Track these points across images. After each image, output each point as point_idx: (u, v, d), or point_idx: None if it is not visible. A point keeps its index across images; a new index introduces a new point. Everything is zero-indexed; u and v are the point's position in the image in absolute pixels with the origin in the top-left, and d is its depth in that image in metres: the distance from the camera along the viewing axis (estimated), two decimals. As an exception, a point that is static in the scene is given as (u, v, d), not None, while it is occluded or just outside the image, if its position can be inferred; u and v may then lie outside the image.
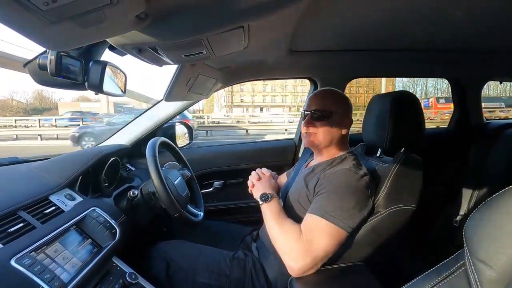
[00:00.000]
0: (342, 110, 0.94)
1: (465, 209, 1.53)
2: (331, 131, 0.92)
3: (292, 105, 34.17)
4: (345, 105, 0.95)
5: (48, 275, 0.61)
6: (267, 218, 0.86)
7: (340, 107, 0.93)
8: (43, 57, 0.65)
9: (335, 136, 0.93)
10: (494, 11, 0.80)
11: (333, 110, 0.92)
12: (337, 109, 0.92)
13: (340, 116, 0.93)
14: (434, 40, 1.12)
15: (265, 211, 0.88)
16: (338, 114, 0.92)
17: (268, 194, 0.90)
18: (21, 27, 0.39)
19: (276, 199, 0.91)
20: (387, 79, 10.89)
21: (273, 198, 0.90)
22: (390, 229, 0.84)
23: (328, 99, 0.95)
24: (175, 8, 0.53)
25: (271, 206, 0.88)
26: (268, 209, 0.87)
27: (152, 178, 0.94)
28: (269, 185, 0.98)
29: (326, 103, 0.93)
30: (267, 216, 0.86)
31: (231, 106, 34.96)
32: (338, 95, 0.97)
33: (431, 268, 0.49)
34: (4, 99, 33.78)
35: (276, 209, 0.87)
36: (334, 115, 0.92)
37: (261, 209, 0.90)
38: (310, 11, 0.76)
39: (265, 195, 0.90)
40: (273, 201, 0.89)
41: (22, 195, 0.76)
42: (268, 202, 0.88)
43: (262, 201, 0.89)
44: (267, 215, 0.87)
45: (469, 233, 0.42)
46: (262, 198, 0.90)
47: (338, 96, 0.97)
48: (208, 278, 0.91)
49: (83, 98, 31.50)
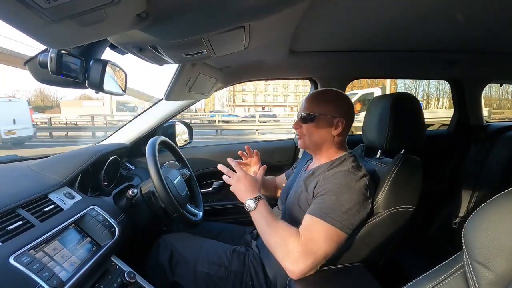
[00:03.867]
0: (331, 111, 0.89)
1: (464, 211, 1.53)
2: (318, 133, 0.91)
3: (294, 105, 34.15)
4: (337, 106, 0.90)
5: (47, 273, 0.61)
6: (258, 225, 0.81)
7: (329, 109, 0.90)
8: (44, 55, 0.65)
9: (325, 138, 0.92)
10: (495, 12, 0.80)
11: (317, 112, 0.90)
12: (324, 111, 0.90)
13: (328, 117, 0.89)
14: (435, 41, 1.12)
15: (255, 218, 0.82)
16: (324, 116, 0.89)
17: (252, 199, 0.81)
18: (22, 25, 0.39)
19: (263, 201, 0.83)
20: (391, 80, 10.88)
21: (259, 202, 0.82)
22: (389, 230, 0.84)
23: (315, 101, 0.93)
24: (176, 7, 0.53)
25: (260, 211, 0.81)
26: (258, 216, 0.81)
27: (152, 177, 0.94)
28: (250, 184, 0.85)
29: (312, 105, 0.92)
30: (258, 223, 0.81)
31: (233, 105, 34.97)
32: (330, 96, 0.93)
33: (430, 269, 0.49)
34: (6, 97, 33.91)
35: (265, 213, 0.81)
36: (320, 116, 0.90)
37: (251, 215, 0.83)
38: (311, 11, 0.76)
39: (249, 201, 0.81)
40: (260, 205, 0.81)
41: (21, 193, 0.76)
42: (254, 209, 0.81)
43: (248, 209, 0.82)
44: (257, 222, 0.81)
45: (468, 235, 0.42)
46: (246, 207, 0.82)
47: (329, 97, 0.93)
48: (208, 268, 0.93)
49: (85, 96, 31.50)
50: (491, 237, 0.38)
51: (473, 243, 0.40)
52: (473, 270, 0.40)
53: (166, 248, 0.99)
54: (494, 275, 0.37)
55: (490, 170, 1.51)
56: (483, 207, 0.41)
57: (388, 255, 0.91)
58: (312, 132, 0.92)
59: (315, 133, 0.92)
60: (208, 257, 0.95)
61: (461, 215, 1.54)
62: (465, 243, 0.42)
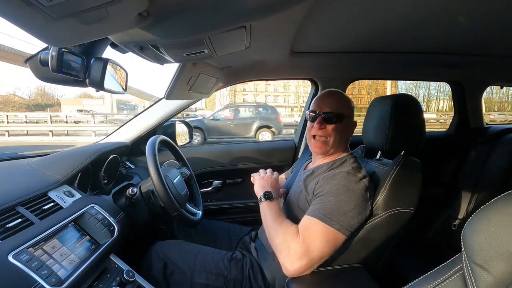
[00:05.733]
0: (351, 113, 0.93)
1: (464, 213, 1.53)
2: (342, 135, 0.91)
3: (295, 105, 34.15)
4: (351, 108, 0.95)
5: (46, 271, 0.61)
6: (266, 216, 0.85)
7: (350, 111, 0.93)
8: (45, 53, 0.65)
9: (346, 139, 0.93)
10: (496, 15, 0.80)
11: (345, 114, 0.90)
12: (348, 113, 0.91)
13: (350, 119, 0.93)
14: (436, 43, 1.12)
15: (265, 209, 0.87)
16: (349, 118, 0.92)
17: (272, 193, 0.90)
18: (24, 23, 0.39)
19: (278, 200, 0.91)
20: (391, 81, 10.88)
21: (276, 199, 0.90)
22: (388, 231, 0.84)
23: (341, 102, 0.92)
24: (177, 6, 0.53)
25: (273, 205, 0.87)
26: (269, 208, 0.86)
27: (152, 176, 0.94)
28: (274, 185, 0.97)
29: (340, 105, 0.90)
30: (267, 215, 0.85)
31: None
32: (347, 98, 0.95)
33: (428, 271, 0.49)
34: (7, 95, 33.83)
35: (277, 208, 0.87)
36: (346, 119, 0.91)
37: (261, 207, 0.89)
38: (313, 12, 0.76)
39: (269, 193, 0.90)
40: (275, 201, 0.89)
41: (21, 191, 0.76)
42: (271, 200, 0.88)
43: (266, 199, 0.88)
44: (266, 214, 0.86)
45: (467, 237, 0.42)
46: (265, 196, 0.89)
47: (346, 99, 0.95)
48: (206, 279, 0.91)
49: (86, 95, 31.57)
50: (490, 240, 0.38)
51: (472, 245, 0.40)
52: (472, 272, 0.40)
53: (158, 258, 0.93)
54: (493, 277, 0.37)
55: (490, 172, 1.51)
56: (483, 209, 0.41)
57: (387, 257, 0.91)
58: (337, 133, 0.90)
59: (339, 134, 0.90)
60: (205, 266, 0.93)
61: (461, 217, 1.54)
62: (464, 245, 0.42)
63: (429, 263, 0.52)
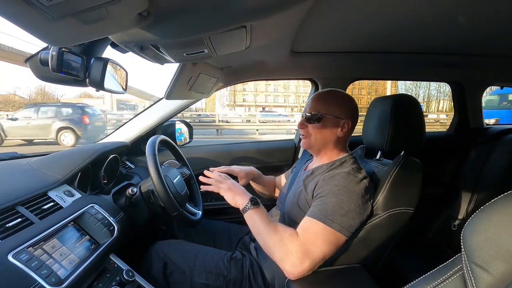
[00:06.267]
0: (338, 112, 0.90)
1: (464, 213, 1.53)
2: (322, 133, 0.91)
3: (295, 105, 34.18)
4: (344, 107, 0.91)
5: (45, 271, 0.61)
6: (257, 224, 0.79)
7: (334, 109, 0.90)
8: (45, 53, 0.65)
9: (329, 139, 0.91)
10: (496, 16, 0.80)
11: (324, 113, 0.90)
12: (330, 112, 0.90)
13: (334, 118, 0.90)
14: (436, 43, 1.12)
15: (255, 217, 0.80)
16: (331, 117, 0.90)
17: (249, 200, 0.82)
18: (24, 22, 0.39)
19: (260, 204, 0.84)
20: (391, 81, 10.88)
21: (257, 204, 0.83)
22: (388, 231, 0.84)
23: (321, 102, 0.92)
24: (177, 6, 0.53)
25: (261, 210, 0.82)
26: (258, 214, 0.80)
27: (152, 176, 0.94)
28: (240, 190, 0.88)
29: (319, 105, 0.91)
30: (258, 222, 0.79)
31: (234, 105, 34.97)
32: (336, 97, 0.93)
33: (428, 271, 0.49)
34: (7, 94, 33.83)
35: (265, 213, 0.82)
36: (326, 117, 0.89)
37: (248, 216, 0.82)
38: (313, 12, 0.76)
39: (254, 199, 0.83)
40: (261, 206, 0.83)
41: (21, 190, 0.76)
42: (259, 206, 0.82)
43: (253, 206, 0.81)
44: (257, 221, 0.79)
45: (467, 237, 0.42)
46: (252, 202, 0.82)
47: (335, 98, 0.93)
48: (206, 278, 0.91)
49: (86, 95, 31.58)
50: (490, 240, 0.38)
51: (472, 245, 0.40)
52: (471, 273, 0.40)
53: (158, 258, 0.93)
54: (492, 277, 0.37)
55: (490, 173, 1.51)
56: (483, 210, 0.41)
57: (387, 257, 0.91)
58: (317, 132, 0.91)
59: (320, 134, 0.91)
60: (205, 266, 0.93)
61: (460, 217, 1.54)
62: (464, 245, 0.42)
63: (429, 263, 0.52)
